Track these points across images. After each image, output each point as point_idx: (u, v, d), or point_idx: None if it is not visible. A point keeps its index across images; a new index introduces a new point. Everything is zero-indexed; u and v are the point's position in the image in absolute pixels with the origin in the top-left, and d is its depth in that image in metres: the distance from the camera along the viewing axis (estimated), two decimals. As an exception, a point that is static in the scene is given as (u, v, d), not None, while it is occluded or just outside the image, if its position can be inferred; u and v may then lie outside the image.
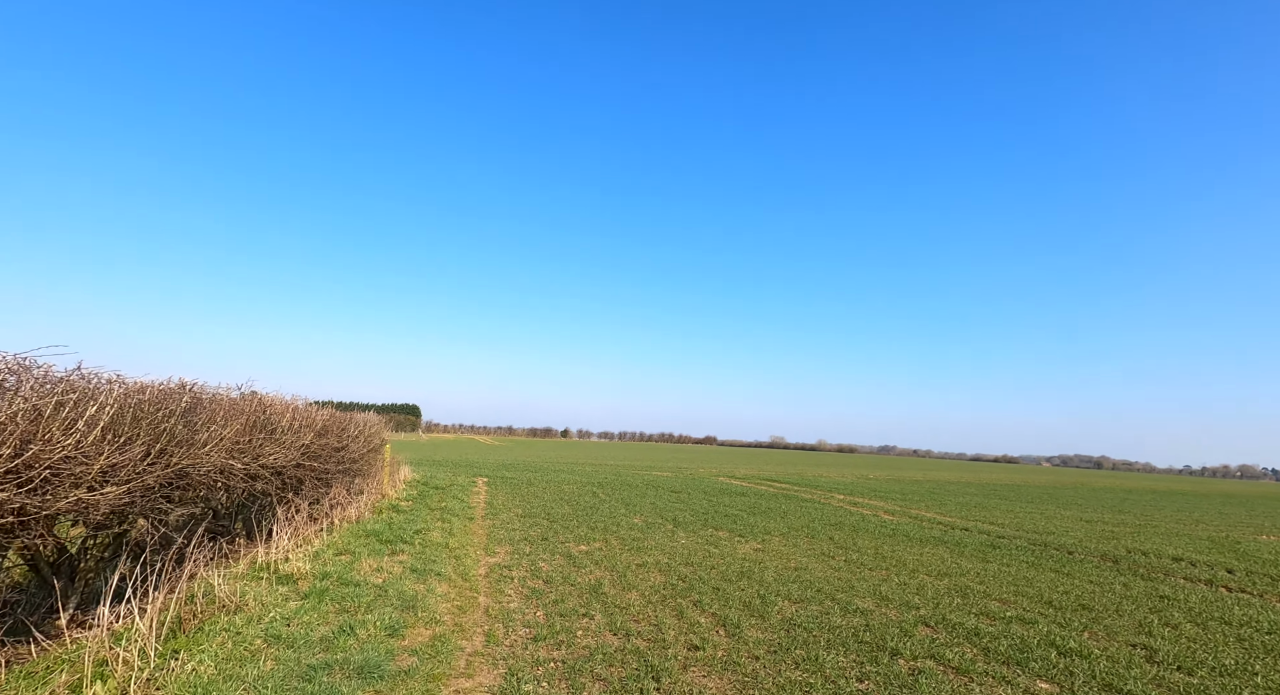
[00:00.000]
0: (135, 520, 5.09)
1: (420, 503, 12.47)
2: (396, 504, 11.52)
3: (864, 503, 19.82)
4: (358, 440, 10.57)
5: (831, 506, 17.98)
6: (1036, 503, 24.12)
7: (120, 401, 3.67)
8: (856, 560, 9.43)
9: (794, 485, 26.80)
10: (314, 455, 8.37)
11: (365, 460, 11.78)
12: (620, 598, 6.38)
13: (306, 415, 7.96)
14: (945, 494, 26.04)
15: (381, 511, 10.42)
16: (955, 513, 18.15)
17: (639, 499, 16.99)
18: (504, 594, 6.28)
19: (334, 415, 9.58)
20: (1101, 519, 18.93)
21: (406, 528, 9.12)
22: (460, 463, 31.64)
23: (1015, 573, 9.12)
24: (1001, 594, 7.58)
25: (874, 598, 7.01)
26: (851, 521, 14.36)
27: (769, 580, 7.62)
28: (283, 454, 7.06)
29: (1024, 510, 20.32)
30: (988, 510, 19.66)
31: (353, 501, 10.01)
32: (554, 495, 16.61)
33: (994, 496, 26.41)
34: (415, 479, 16.97)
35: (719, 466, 43.28)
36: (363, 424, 11.21)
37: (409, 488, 14.73)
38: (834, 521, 14.20)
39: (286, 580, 5.44)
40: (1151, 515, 21.32)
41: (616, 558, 8.50)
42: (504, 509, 13.17)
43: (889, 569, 8.89)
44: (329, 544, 7.25)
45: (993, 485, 36.27)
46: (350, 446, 10.13)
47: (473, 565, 7.43)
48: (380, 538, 8.01)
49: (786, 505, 17.46)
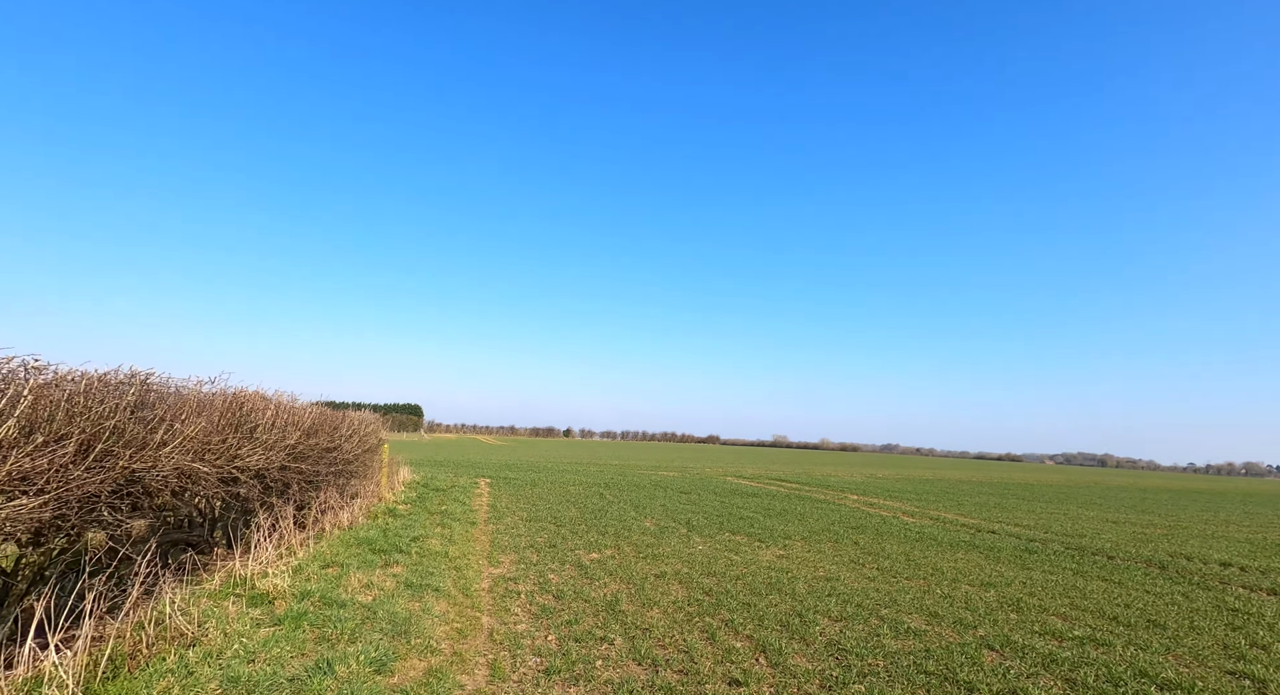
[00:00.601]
0: (84, 533, 4.39)
1: (419, 506, 11.77)
2: (394, 508, 10.82)
3: (880, 504, 19.09)
4: (351, 440, 9.87)
5: (847, 508, 17.26)
6: (1055, 503, 23.37)
7: (38, 393, 2.97)
8: (889, 569, 8.72)
9: (804, 485, 26.08)
10: (301, 457, 7.67)
11: (361, 461, 11.09)
12: (641, 616, 5.67)
13: (292, 413, 7.26)
14: (960, 494, 25.30)
15: (377, 516, 9.72)
16: (976, 514, 17.42)
17: (648, 501, 16.29)
18: (510, 613, 5.58)
19: (324, 413, 8.88)
20: (1128, 520, 18.19)
21: (403, 534, 8.42)
22: (462, 463, 30.95)
23: (1063, 582, 8.40)
24: (1058, 608, 6.86)
25: (922, 614, 6.30)
26: (873, 524, 13.64)
27: (802, 593, 6.91)
28: (264, 455, 6.36)
29: (1045, 511, 19.58)
30: (1008, 511, 18.94)
31: (346, 506, 9.31)
32: (559, 497, 15.91)
33: (1010, 496, 25.67)
34: (415, 480, 16.28)
35: (725, 466, 42.57)
36: (357, 423, 10.51)
37: (408, 490, 14.03)
38: (854, 524, 13.49)
39: (261, 600, 4.74)
40: (1177, 516, 20.56)
41: (632, 567, 7.80)
42: (508, 512, 12.47)
43: (927, 578, 8.18)
44: (316, 554, 6.55)
45: (1006, 484, 35.51)
46: (343, 447, 9.43)
47: (475, 578, 6.73)
48: (373, 546, 7.31)
49: (801, 507, 16.75)
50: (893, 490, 25.41)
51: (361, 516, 9.37)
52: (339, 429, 9.32)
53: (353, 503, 9.63)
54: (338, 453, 9.28)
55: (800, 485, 25.87)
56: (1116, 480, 54.30)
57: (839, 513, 15.66)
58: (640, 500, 16.26)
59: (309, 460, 7.99)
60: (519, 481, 20.04)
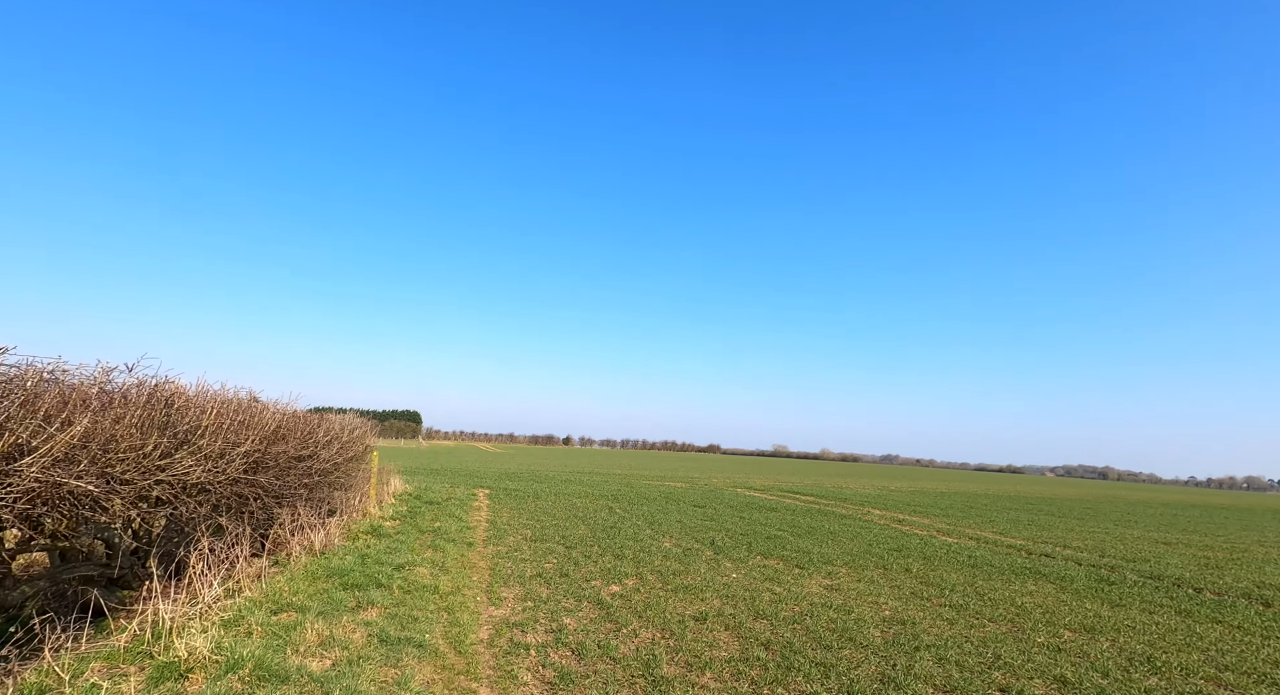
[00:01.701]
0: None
1: (409, 523, 10.39)
2: (379, 525, 9.44)
3: (909, 520, 17.68)
4: (330, 447, 8.51)
5: (876, 525, 15.86)
6: (1088, 519, 21.95)
7: None
8: (963, 606, 7.34)
9: (820, 498, 24.66)
10: (262, 467, 6.31)
11: (343, 471, 9.72)
12: (691, 684, 4.30)
13: (250, 414, 5.91)
14: (985, 509, 23.87)
15: (358, 536, 8.34)
16: (1014, 532, 16.02)
17: (661, 516, 14.90)
18: (517, 682, 4.21)
19: (296, 416, 7.54)
20: (1178, 540, 16.80)
21: (386, 561, 7.04)
22: (460, 471, 29.52)
23: (1173, 625, 7.03)
24: (1198, 666, 5.49)
25: (1046, 679, 4.92)
26: (913, 546, 12.26)
27: (879, 644, 5.54)
28: (209, 467, 5.02)
29: (1084, 529, 18.17)
30: (1046, 529, 17.53)
31: (321, 525, 7.94)
32: (565, 511, 14.52)
33: (1040, 512, 24.23)
34: (407, 492, 14.88)
35: (731, 476, 41.10)
36: (339, 428, 9.16)
37: (398, 503, 12.65)
38: (894, 545, 12.10)
39: (169, 674, 3.39)
40: (1224, 535, 19.17)
41: (664, 606, 6.42)
42: (510, 530, 11.09)
43: (1014, 621, 6.80)
44: (269, 594, 5.18)
45: (1025, 498, 34.05)
46: (320, 455, 8.07)
47: (471, 624, 5.36)
48: (346, 580, 5.94)
49: (827, 523, 15.35)
50: (913, 504, 24.00)
51: (339, 537, 8.00)
52: (314, 435, 7.96)
53: (330, 521, 8.26)
54: (313, 462, 7.92)
55: (816, 498, 24.46)
56: (1131, 494, 52.79)
57: (870, 531, 14.27)
58: (653, 515, 14.86)
59: (273, 471, 6.63)
60: (520, 493, 18.64)
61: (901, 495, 30.19)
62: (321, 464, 8.19)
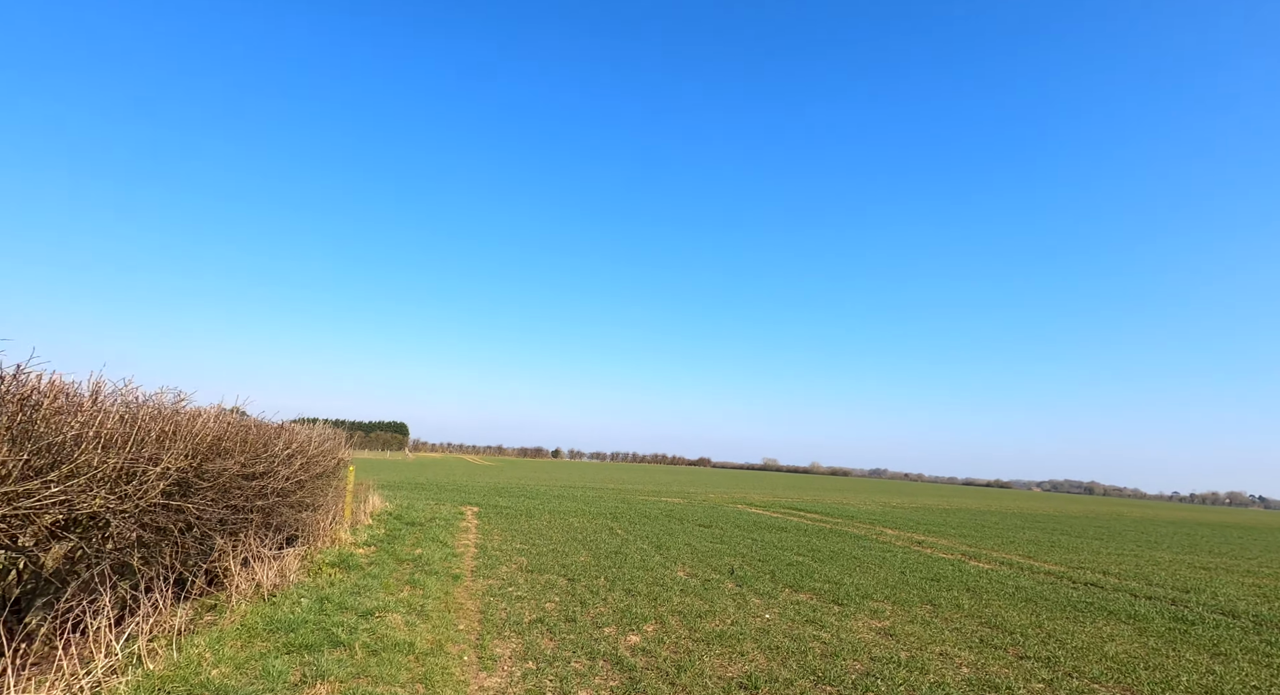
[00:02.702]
0: None
1: (386, 549, 9.02)
2: (350, 554, 8.07)
3: (929, 542, 16.46)
4: (292, 463, 7.17)
5: (896, 547, 14.65)
6: (1109, 540, 20.89)
7: None
8: (1046, 657, 6.13)
9: (825, 515, 23.43)
10: (194, 489, 5.00)
11: (309, 490, 8.36)
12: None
13: (173, 423, 4.61)
14: (998, 528, 22.74)
15: (322, 570, 6.98)
16: (1043, 556, 14.87)
17: (667, 537, 13.59)
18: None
19: (244, 426, 6.21)
20: (1216, 564, 15.75)
21: (351, 604, 5.71)
22: (447, 486, 27.97)
23: (1301, 682, 5.86)
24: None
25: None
26: (949, 574, 11.05)
27: (983, 724, 4.30)
28: (104, 493, 3.73)
29: (1112, 552, 17.06)
30: (1072, 551, 16.40)
31: (276, 557, 6.60)
32: (563, 533, 13.17)
33: (1054, 531, 23.15)
34: (387, 511, 13.46)
35: (728, 491, 39.75)
36: (302, 439, 7.81)
37: (376, 525, 11.25)
38: (929, 574, 10.89)
39: None
40: (1256, 557, 18.16)
41: (698, 665, 5.14)
42: (502, 557, 9.73)
43: (1119, 678, 5.61)
44: (178, 668, 3.85)
45: (1033, 516, 32.99)
46: (277, 472, 6.74)
47: (456, 701, 4.06)
48: (294, 638, 4.60)
49: (845, 546, 14.12)
50: (923, 522, 22.80)
51: (297, 572, 6.63)
52: (271, 447, 6.63)
53: (288, 551, 6.91)
54: (268, 480, 6.59)
55: (822, 516, 23.22)
56: (1130, 510, 52.03)
57: (893, 556, 13.04)
58: (659, 537, 13.55)
59: (210, 494, 5.30)
60: (511, 511, 17.23)
61: (905, 512, 29.02)
62: (280, 483, 6.85)
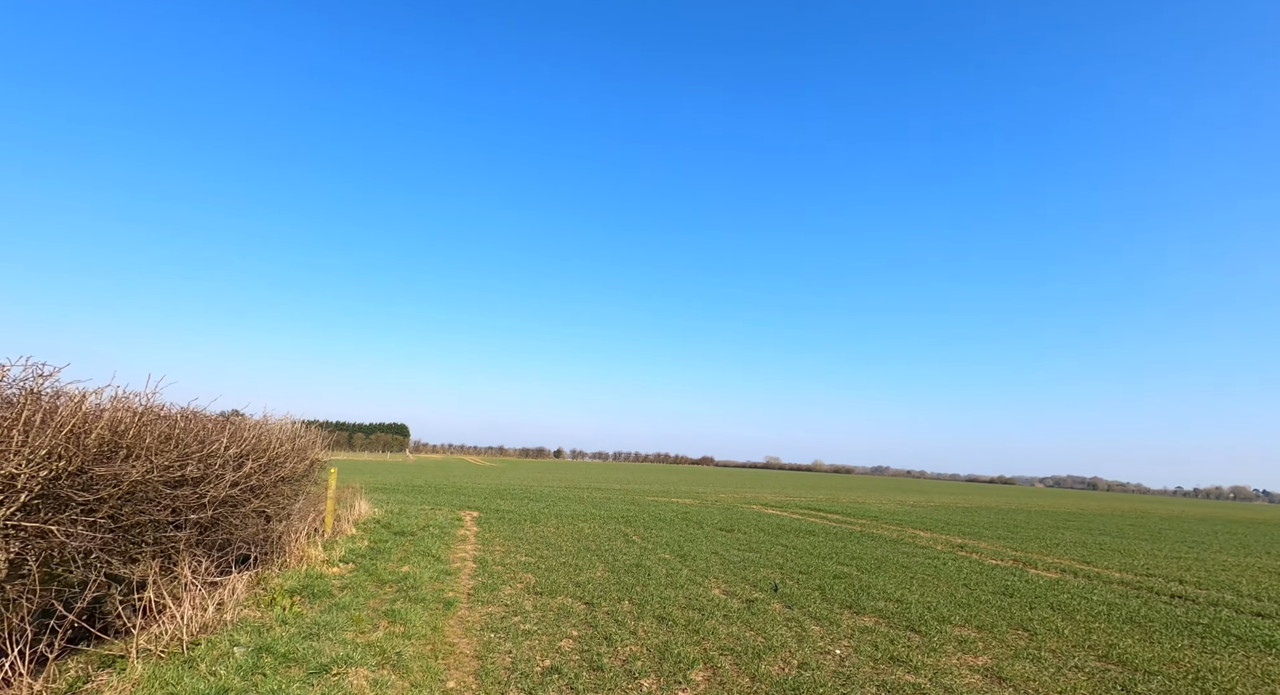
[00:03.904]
0: None
1: (366, 568, 7.58)
2: (319, 577, 6.63)
3: (971, 545, 15.01)
4: (242, 466, 5.73)
5: (940, 553, 13.21)
6: (1154, 541, 19.41)
7: None
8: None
9: (848, 516, 21.99)
10: (70, 503, 3.57)
11: (270, 499, 6.91)
12: None
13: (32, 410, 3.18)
14: (1034, 529, 21.28)
15: (276, 601, 5.54)
16: (1101, 561, 13.42)
17: (689, 544, 12.15)
18: None
19: (165, 419, 4.77)
20: None
21: (301, 658, 4.27)
22: (446, 488, 26.53)
23: None
24: None
25: None
26: (1019, 586, 9.61)
27: None
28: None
29: (1170, 555, 15.58)
30: (1127, 555, 14.95)
31: (213, 587, 5.16)
32: (573, 541, 11.73)
33: (1095, 532, 21.67)
34: (374, 519, 12.01)
35: (738, 491, 38.31)
36: (258, 436, 6.37)
37: (359, 536, 9.81)
38: (997, 586, 9.46)
39: None
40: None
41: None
42: (505, 574, 8.29)
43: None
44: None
45: (1058, 514, 31.51)
46: (220, 476, 5.30)
47: None
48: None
49: (885, 551, 12.69)
50: (953, 523, 21.35)
51: (242, 605, 5.20)
52: (208, 445, 5.19)
53: (235, 577, 5.47)
54: (206, 487, 5.15)
55: (845, 517, 21.78)
56: (1153, 507, 50.55)
57: (943, 563, 11.60)
58: (679, 544, 12.11)
59: (107, 507, 3.88)
60: (514, 516, 15.78)
61: (927, 511, 27.58)
62: (225, 490, 5.41)
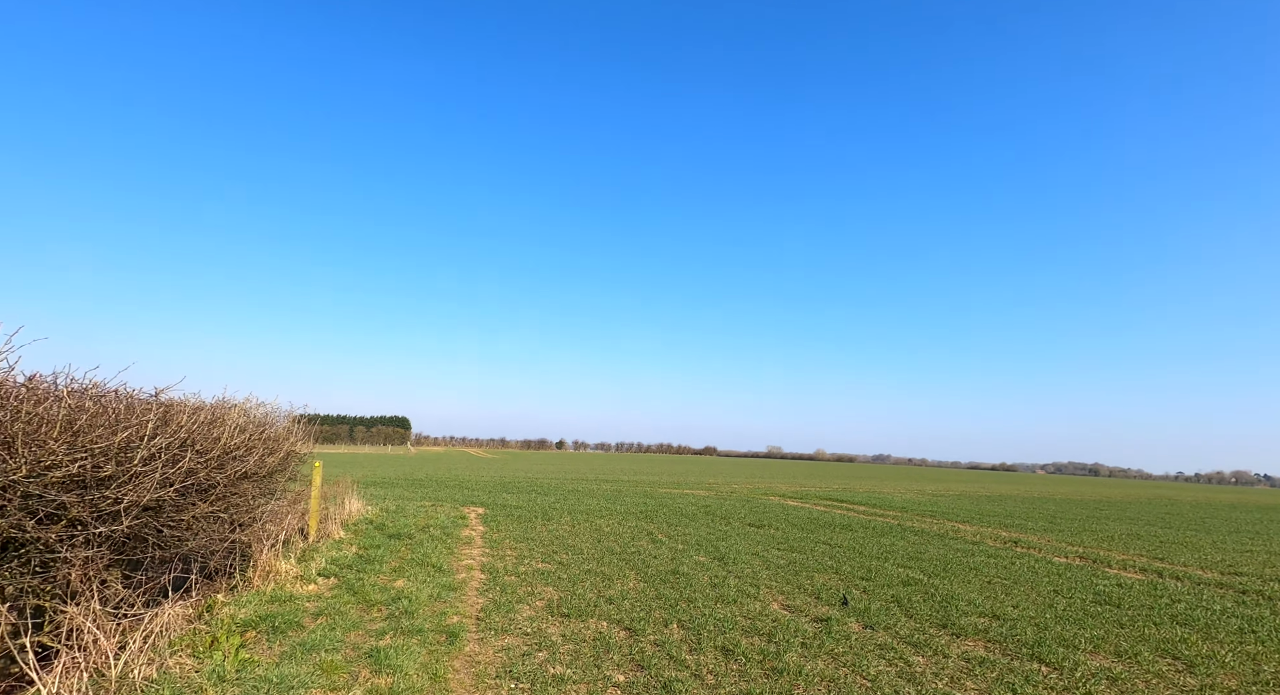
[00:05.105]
0: None
1: (351, 583, 6.17)
2: (289, 599, 5.23)
3: (1025, 540, 13.62)
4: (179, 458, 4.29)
5: (1000, 550, 11.85)
6: (1212, 532, 18.02)
7: None
8: None
9: (873, 507, 20.66)
10: None
11: (228, 501, 5.48)
12: None
13: None
14: (1075, 520, 19.90)
15: (220, 641, 4.14)
16: (1178, 558, 12.04)
17: (722, 543, 10.76)
18: None
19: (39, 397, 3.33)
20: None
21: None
22: (448, 481, 25.18)
23: None
24: None
25: None
26: (1116, 593, 8.24)
27: None
28: None
29: (1241, 547, 14.20)
30: (1195, 549, 13.57)
31: (136, 624, 3.75)
32: (592, 541, 10.33)
33: (1137, 522, 20.28)
34: (367, 518, 10.60)
35: (748, 481, 37.03)
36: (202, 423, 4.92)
37: (347, 540, 8.40)
38: (1094, 594, 8.09)
39: None
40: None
41: None
42: (520, 588, 6.88)
43: None
44: None
45: (1086, 503, 30.18)
46: (144, 475, 3.86)
47: None
48: None
49: (940, 550, 11.32)
50: (990, 514, 19.99)
51: (160, 655, 3.79)
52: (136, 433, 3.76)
53: (156, 613, 4.05)
54: (123, 490, 3.73)
55: (871, 508, 20.44)
56: (1175, 494, 49.27)
57: (1013, 564, 10.22)
58: (712, 543, 10.72)
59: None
60: (524, 511, 14.40)
61: (952, 501, 26.26)
62: (151, 493, 3.97)
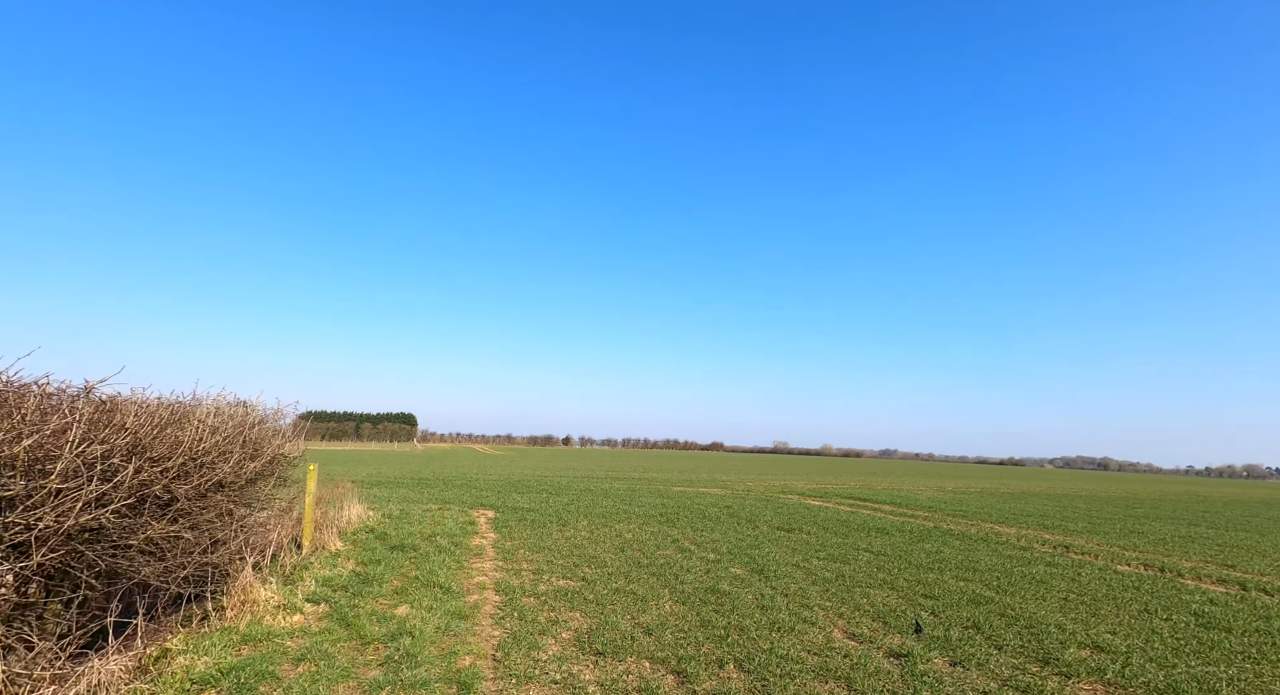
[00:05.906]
0: None
1: (342, 616, 5.24)
2: (266, 636, 4.31)
3: (1075, 545, 12.60)
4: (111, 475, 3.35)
5: (1052, 556, 10.90)
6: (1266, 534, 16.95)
7: None
8: None
9: (900, 507, 19.67)
10: None
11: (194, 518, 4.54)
12: None
13: None
14: (1113, 519, 18.83)
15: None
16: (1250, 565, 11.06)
17: (757, 552, 9.81)
18: None
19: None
20: None
21: None
22: (455, 480, 24.31)
23: None
24: None
25: None
26: (1224, 616, 7.26)
27: None
28: None
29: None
30: (1260, 554, 12.53)
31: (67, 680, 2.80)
32: (614, 550, 9.39)
33: (1180, 522, 19.19)
34: (367, 526, 9.69)
35: (763, 478, 36.07)
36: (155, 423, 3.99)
37: (344, 554, 7.48)
38: (1195, 615, 7.12)
39: None
40: None
41: None
42: (542, 617, 5.93)
43: None
44: None
45: (1112, 500, 29.05)
46: (69, 492, 2.92)
47: None
48: None
49: (994, 559, 10.35)
50: (1023, 514, 18.96)
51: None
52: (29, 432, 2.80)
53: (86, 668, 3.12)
54: (40, 511, 2.77)
55: (899, 508, 19.45)
56: (1199, 490, 48.00)
57: (1079, 575, 9.26)
58: (745, 552, 9.76)
59: None
60: (536, 514, 13.47)
61: (977, 498, 25.24)
62: (76, 516, 3.04)
